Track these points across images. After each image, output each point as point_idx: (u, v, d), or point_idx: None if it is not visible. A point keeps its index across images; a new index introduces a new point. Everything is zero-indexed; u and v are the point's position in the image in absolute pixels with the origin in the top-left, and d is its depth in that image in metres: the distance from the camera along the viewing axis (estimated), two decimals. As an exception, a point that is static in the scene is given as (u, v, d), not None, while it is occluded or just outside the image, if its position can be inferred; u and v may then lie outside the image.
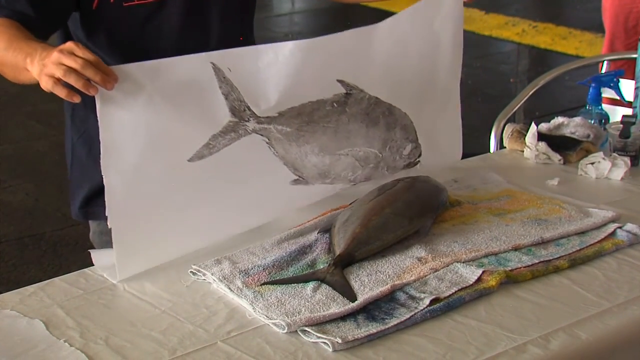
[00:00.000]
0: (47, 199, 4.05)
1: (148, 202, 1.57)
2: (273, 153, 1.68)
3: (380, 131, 1.83)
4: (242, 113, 1.60)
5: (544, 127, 2.19)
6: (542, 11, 7.57)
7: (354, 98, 1.74)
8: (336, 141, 1.75)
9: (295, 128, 1.68)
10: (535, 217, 1.75)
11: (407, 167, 1.94)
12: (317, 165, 1.75)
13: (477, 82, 5.72)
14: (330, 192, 1.84)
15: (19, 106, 5.15)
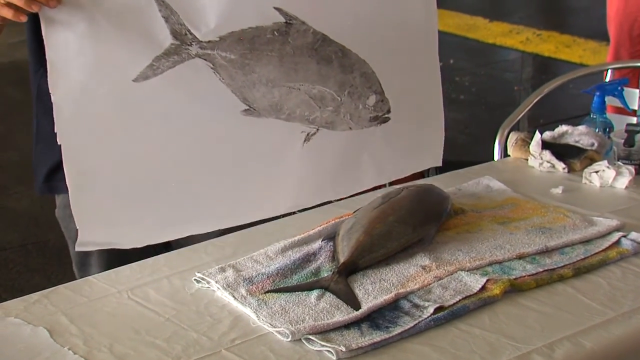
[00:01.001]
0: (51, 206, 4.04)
1: (96, 122, 1.62)
2: (219, 79, 1.69)
3: (335, 72, 1.79)
4: (184, 37, 1.64)
5: (548, 136, 2.19)
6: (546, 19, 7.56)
7: (296, 29, 1.73)
8: (283, 72, 1.74)
9: (239, 55, 1.69)
10: (539, 225, 1.75)
11: (374, 120, 1.87)
12: (267, 97, 1.74)
13: (481, 90, 5.73)
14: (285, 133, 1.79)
15: (23, 113, 5.15)
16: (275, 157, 1.80)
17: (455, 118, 5.24)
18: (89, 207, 1.65)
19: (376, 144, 1.90)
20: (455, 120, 5.20)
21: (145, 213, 1.72)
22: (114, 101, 1.62)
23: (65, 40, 1.56)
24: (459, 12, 7.73)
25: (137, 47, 1.61)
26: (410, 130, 1.97)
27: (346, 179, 1.91)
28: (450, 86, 5.73)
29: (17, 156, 4.66)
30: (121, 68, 1.61)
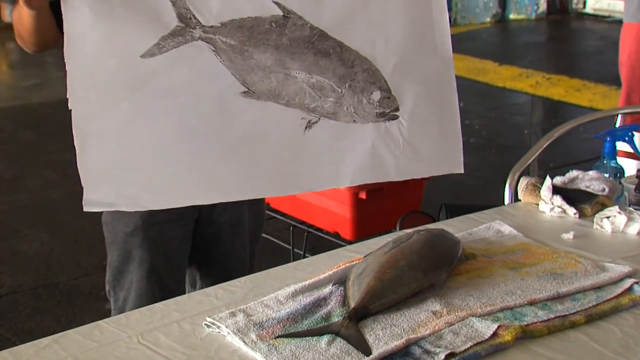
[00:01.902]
0: (61, 248, 4.06)
1: (104, 90, 1.76)
2: (220, 61, 1.81)
3: (334, 64, 1.86)
4: (189, 20, 1.78)
5: (559, 181, 2.19)
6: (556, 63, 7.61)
7: (293, 22, 1.83)
8: (279, 60, 1.83)
9: (238, 41, 1.81)
10: (550, 271, 1.75)
11: (381, 116, 1.90)
12: (264, 81, 1.83)
13: (491, 133, 5.74)
14: (282, 119, 1.86)
15: (35, 155, 5.19)
16: (274, 140, 1.87)
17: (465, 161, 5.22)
18: (94, 167, 1.77)
19: (384, 140, 1.92)
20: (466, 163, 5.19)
21: (147, 179, 1.81)
22: (122, 73, 1.76)
23: (82, 16, 1.72)
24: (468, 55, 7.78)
25: (145, 26, 1.76)
26: (423, 131, 1.95)
27: (352, 168, 1.92)
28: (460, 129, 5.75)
29: (28, 199, 4.69)
30: (130, 44, 1.76)
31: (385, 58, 1.90)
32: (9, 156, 5.32)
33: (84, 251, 3.87)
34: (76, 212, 2.25)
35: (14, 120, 5.94)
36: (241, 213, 2.19)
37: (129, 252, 2.11)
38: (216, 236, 2.18)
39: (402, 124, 1.92)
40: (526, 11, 9.38)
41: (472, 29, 9.14)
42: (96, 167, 1.77)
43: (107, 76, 1.75)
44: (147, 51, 1.76)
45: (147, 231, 2.09)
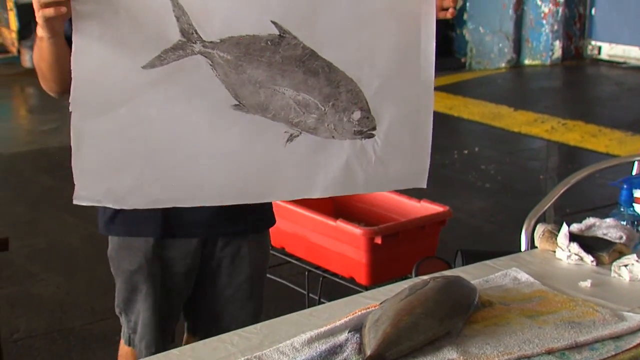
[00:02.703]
0: (77, 292, 4.06)
1: (105, 97, 1.86)
2: (215, 75, 1.91)
3: (321, 84, 1.97)
4: (190, 35, 1.88)
5: (576, 228, 2.19)
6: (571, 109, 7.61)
7: (287, 42, 1.93)
8: (270, 76, 1.94)
9: (234, 57, 1.91)
10: (568, 319, 1.73)
11: (358, 134, 2.02)
12: (254, 95, 1.94)
13: (506, 178, 5.73)
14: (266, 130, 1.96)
15: (52, 199, 5.22)
16: (256, 150, 1.98)
17: (481, 206, 5.23)
18: (87, 167, 1.88)
19: (358, 156, 2.04)
20: (481, 208, 5.20)
21: (134, 181, 1.92)
22: (123, 81, 1.87)
23: (90, 27, 1.82)
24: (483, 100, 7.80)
25: (149, 39, 1.86)
26: (395, 149, 2.07)
27: (325, 181, 2.04)
28: (475, 174, 5.75)
29: (44, 242, 4.70)
30: (134, 55, 1.86)
31: (370, 80, 2.01)
32: (27, 200, 5.35)
33: (99, 296, 3.87)
34: (92, 256, 2.28)
35: (32, 164, 5.99)
36: (242, 247, 2.25)
37: (135, 286, 2.20)
38: (217, 270, 2.25)
39: (377, 142, 2.05)
40: (541, 57, 9.41)
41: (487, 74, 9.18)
42: (89, 167, 1.89)
43: (109, 83, 1.86)
44: (148, 62, 1.87)
45: (152, 268, 2.18)
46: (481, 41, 9.52)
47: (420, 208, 3.45)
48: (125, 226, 2.17)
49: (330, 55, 1.97)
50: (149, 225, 2.15)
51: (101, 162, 1.90)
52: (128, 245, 2.18)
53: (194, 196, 1.99)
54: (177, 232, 2.17)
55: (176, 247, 2.18)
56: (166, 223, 2.15)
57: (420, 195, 3.57)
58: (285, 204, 3.41)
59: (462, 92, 8.20)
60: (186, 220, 2.15)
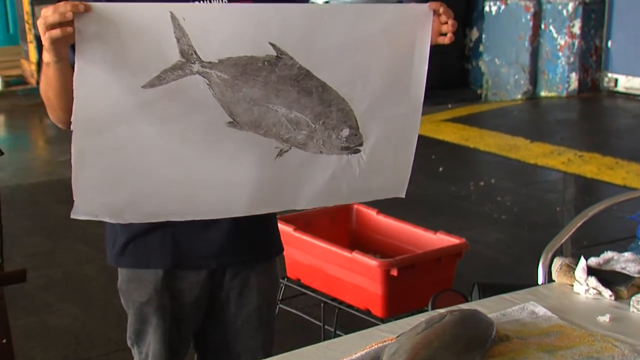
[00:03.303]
0: (92, 323, 4.06)
1: (106, 116, 1.91)
2: (212, 94, 1.95)
3: (313, 103, 2.02)
4: (190, 56, 1.92)
5: (594, 262, 2.17)
6: (588, 141, 7.59)
7: (284, 62, 1.98)
8: (265, 94, 1.98)
9: (231, 76, 1.95)
10: (587, 355, 1.71)
11: (345, 150, 2.09)
12: (248, 113, 1.99)
13: (523, 210, 5.71)
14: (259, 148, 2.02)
15: (69, 230, 5.24)
16: (248, 165, 2.03)
17: (498, 238, 5.21)
18: (86, 182, 1.93)
19: (343, 170, 2.11)
20: (498, 240, 5.18)
21: (131, 196, 1.98)
22: (123, 101, 1.91)
23: (93, 48, 1.85)
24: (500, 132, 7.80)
25: (149, 60, 1.91)
26: (379, 164, 2.14)
27: (311, 193, 2.11)
28: (492, 206, 5.73)
29: (60, 273, 4.71)
30: (134, 75, 1.90)
31: (361, 99, 2.07)
32: (44, 230, 5.37)
33: (115, 326, 3.86)
34: (107, 287, 2.28)
35: (49, 195, 6.02)
36: (251, 277, 2.25)
37: (145, 317, 2.20)
38: (226, 300, 2.25)
39: (362, 157, 2.12)
40: (557, 89, 9.41)
41: (503, 105, 9.18)
42: (88, 182, 1.94)
43: (110, 102, 1.90)
44: (148, 82, 1.91)
45: (162, 300, 2.18)
46: (497, 73, 9.54)
47: (437, 240, 3.43)
48: (135, 258, 2.17)
49: (324, 76, 2.02)
50: (159, 257, 2.16)
51: (99, 178, 1.95)
52: (138, 277, 2.18)
53: (187, 210, 2.04)
54: (186, 264, 2.18)
55: (186, 278, 2.19)
56: (175, 254, 2.15)
57: (436, 227, 3.56)
58: (302, 235, 3.41)
59: (478, 124, 8.20)
60: (195, 252, 2.16)
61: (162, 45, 1.91)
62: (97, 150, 1.93)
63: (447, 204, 5.80)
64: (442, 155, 7.03)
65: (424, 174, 6.34)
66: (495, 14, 9.52)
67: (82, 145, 1.91)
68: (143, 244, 2.14)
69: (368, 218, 3.69)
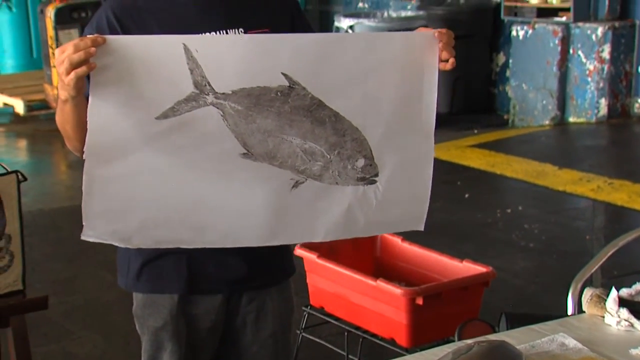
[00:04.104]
0: (113, 351, 4.07)
1: (119, 146, 1.96)
2: (226, 125, 1.99)
3: (327, 133, 2.05)
4: (203, 87, 1.96)
5: (625, 293, 2.14)
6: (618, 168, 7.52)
7: (296, 92, 2.01)
8: (279, 125, 2.02)
9: (245, 107, 1.99)
10: (619, 388, 1.69)
11: (361, 181, 2.11)
12: (262, 144, 2.02)
13: (551, 238, 5.66)
14: (277, 178, 2.05)
15: (91, 256, 5.26)
16: (262, 196, 2.06)
17: (525, 267, 5.17)
18: (96, 209, 1.98)
19: (359, 201, 2.12)
20: (525, 268, 5.13)
21: (141, 223, 2.02)
22: (136, 131, 1.96)
23: (107, 80, 1.91)
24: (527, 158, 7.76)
25: (163, 91, 1.96)
26: (396, 195, 2.15)
27: (327, 225, 2.13)
28: (519, 234, 5.69)
29: (82, 300, 4.73)
30: (147, 107, 1.96)
31: (374, 128, 2.10)
32: (65, 256, 5.39)
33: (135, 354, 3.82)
34: (129, 314, 2.28)
35: (71, 220, 6.02)
36: (266, 302, 2.27)
37: (160, 343, 2.21)
38: (242, 326, 2.25)
39: (379, 188, 2.13)
40: (586, 114, 9.36)
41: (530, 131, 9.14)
42: (98, 209, 1.99)
43: (122, 133, 1.96)
44: (162, 114, 1.96)
45: (177, 325, 2.19)
46: (524, 98, 9.51)
47: (463, 268, 3.41)
48: (150, 283, 2.19)
49: (337, 105, 2.06)
50: (174, 282, 2.17)
51: (110, 206, 2.00)
52: (153, 303, 2.20)
53: (197, 239, 2.07)
54: (202, 288, 2.19)
55: (201, 303, 2.20)
56: (191, 279, 2.16)
57: (463, 255, 3.54)
58: (325, 263, 3.40)
59: (505, 150, 8.17)
60: (211, 276, 2.17)
61: (176, 77, 1.95)
62: (108, 178, 1.98)
63: (473, 232, 5.77)
64: (468, 182, 7.00)
65: (449, 200, 6.31)
66: (522, 39, 9.51)
67: (93, 173, 1.97)
68: (157, 268, 2.15)
69: (393, 245, 3.67)
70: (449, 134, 8.44)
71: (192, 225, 2.05)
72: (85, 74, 1.87)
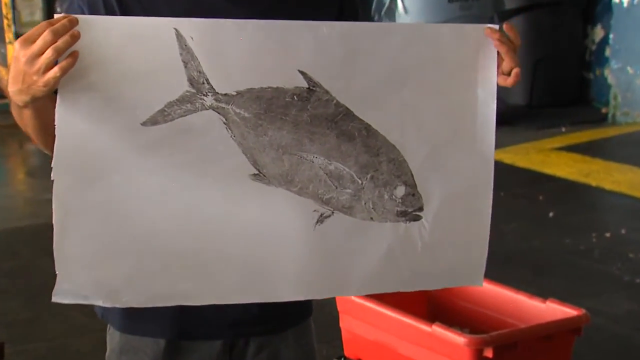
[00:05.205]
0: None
1: (95, 161, 1.93)
2: (230, 136, 1.98)
3: (357, 151, 2.04)
4: (201, 85, 1.95)
5: None
6: None
7: (317, 97, 2.01)
8: (296, 139, 2.01)
9: (253, 114, 1.98)
10: None
11: (402, 215, 2.08)
12: (276, 163, 2.01)
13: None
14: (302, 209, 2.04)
15: (57, 291, 5.29)
16: (280, 234, 2.04)
17: (630, 309, 5.15)
18: (73, 251, 1.94)
19: (401, 243, 2.09)
20: (630, 312, 5.12)
21: (132, 270, 1.99)
22: (117, 141, 1.94)
23: (78, 75, 1.87)
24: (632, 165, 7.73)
25: (150, 89, 1.94)
26: (446, 235, 2.13)
27: (362, 275, 2.10)
28: (621, 265, 5.67)
29: (44, 348, 4.76)
30: (132, 108, 1.93)
31: (416, 147, 2.08)
32: (25, 292, 5.42)
33: None
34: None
35: (32, 244, 6.07)
36: (281, 350, 2.27)
37: None
38: None
39: (424, 226, 2.10)
40: None
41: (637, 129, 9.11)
42: (75, 251, 1.94)
43: (101, 143, 1.93)
44: (149, 118, 1.94)
45: None
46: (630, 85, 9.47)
47: (546, 310, 3.41)
48: (130, 321, 2.18)
49: (368, 115, 2.04)
50: (160, 322, 2.16)
51: (90, 246, 1.96)
52: (132, 347, 2.19)
53: (203, 291, 2.05)
54: (196, 332, 2.19)
55: (195, 351, 2.20)
56: (182, 319, 2.15)
57: (546, 293, 3.54)
58: (364, 302, 3.42)
59: (603, 154, 8.15)
60: (207, 316, 2.15)
61: (166, 71, 1.94)
62: (86, 207, 1.94)
63: (559, 262, 5.76)
64: (553, 196, 6.99)
65: (528, 220, 6.31)
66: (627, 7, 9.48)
67: (66, 200, 1.93)
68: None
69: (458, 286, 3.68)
70: (527, 133, 8.45)
71: (196, 273, 2.03)
72: (72, 67, 1.84)
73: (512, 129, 8.31)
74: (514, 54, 2.03)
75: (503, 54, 2.03)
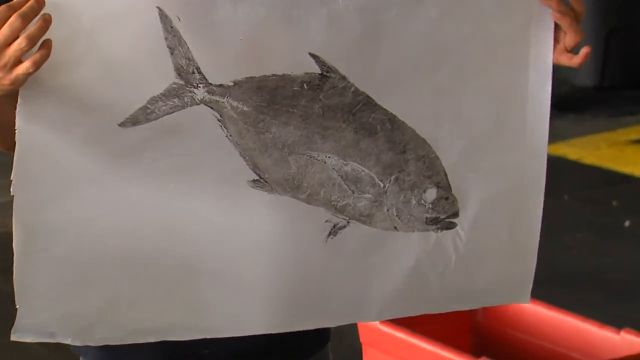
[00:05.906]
0: None
1: (63, 171, 1.93)
2: (226, 135, 1.99)
3: (380, 148, 2.05)
4: (190, 76, 1.95)
5: None
6: None
7: (332, 84, 2.01)
8: (306, 136, 2.02)
9: (254, 108, 1.99)
10: None
11: (432, 224, 2.10)
12: (281, 166, 2.02)
13: None
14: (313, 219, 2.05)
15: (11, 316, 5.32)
16: (285, 251, 2.06)
17: None
18: (36, 280, 1.94)
19: (432, 257, 2.11)
20: None
21: (107, 301, 2.00)
22: (90, 147, 1.94)
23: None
24: None
25: (130, 81, 1.94)
26: (487, 247, 2.16)
27: (383, 296, 2.12)
28: None
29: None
30: (108, 106, 1.93)
31: (451, 141, 2.10)
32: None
33: None
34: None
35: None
36: None
37: None
38: None
39: (460, 235, 2.12)
40: None
41: None
42: (39, 280, 1.95)
43: (70, 150, 1.92)
44: (128, 117, 1.94)
45: None
46: None
47: (620, 343, 3.42)
48: (108, 353, 2.17)
49: (393, 104, 2.06)
50: (145, 355, 2.18)
51: (57, 274, 1.96)
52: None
53: (192, 323, 2.07)
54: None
55: None
56: (171, 351, 2.17)
57: (621, 321, 3.54)
58: (393, 331, 3.43)
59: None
60: (203, 350, 2.17)
61: (149, 60, 1.95)
62: (53, 227, 1.95)
63: (638, 283, 5.76)
64: (630, 201, 7.00)
65: (598, 231, 6.32)
66: None
67: (29, 222, 1.94)
68: None
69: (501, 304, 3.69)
70: (596, 121, 8.44)
71: (185, 303, 2.05)
72: (45, 61, 1.82)
73: (578, 116, 8.29)
74: (577, 26, 2.02)
75: (565, 28, 2.02)
